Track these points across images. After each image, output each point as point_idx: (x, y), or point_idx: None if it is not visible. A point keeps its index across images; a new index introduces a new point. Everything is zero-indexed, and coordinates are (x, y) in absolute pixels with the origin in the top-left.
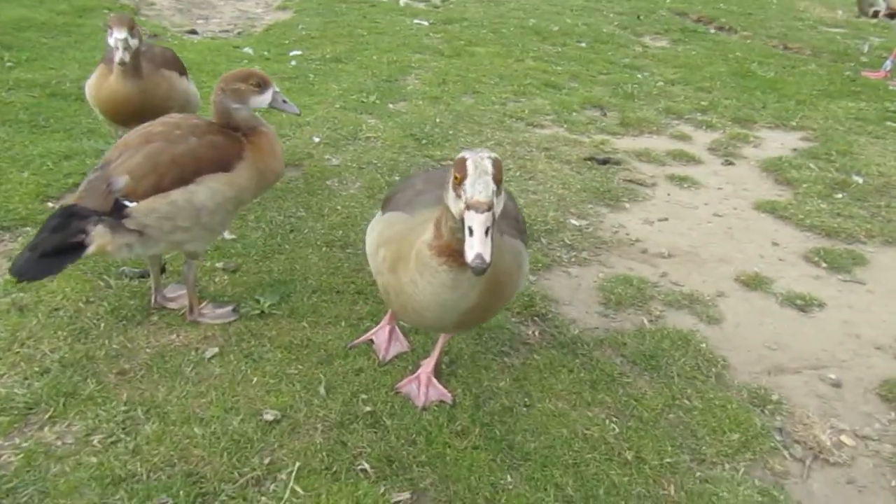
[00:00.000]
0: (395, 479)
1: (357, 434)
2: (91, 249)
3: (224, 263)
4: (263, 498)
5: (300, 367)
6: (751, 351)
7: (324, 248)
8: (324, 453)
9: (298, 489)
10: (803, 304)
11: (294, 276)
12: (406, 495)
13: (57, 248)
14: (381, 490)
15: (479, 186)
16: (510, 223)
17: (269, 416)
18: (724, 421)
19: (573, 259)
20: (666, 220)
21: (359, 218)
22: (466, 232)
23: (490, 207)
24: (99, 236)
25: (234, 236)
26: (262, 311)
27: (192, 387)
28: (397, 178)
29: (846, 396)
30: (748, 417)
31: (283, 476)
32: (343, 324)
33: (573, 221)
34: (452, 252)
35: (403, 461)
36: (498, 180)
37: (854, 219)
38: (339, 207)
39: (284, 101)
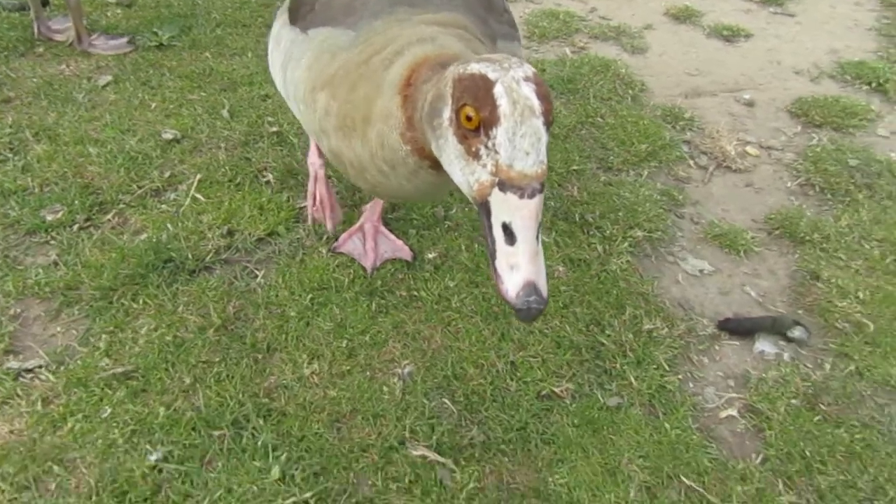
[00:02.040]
0: (299, 189)
1: (262, 151)
2: None
3: None
4: (164, 206)
5: (202, 93)
6: (671, 77)
7: None
8: (227, 167)
9: (200, 197)
10: (730, 35)
11: (196, 11)
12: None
13: None
14: (286, 197)
15: (524, 145)
16: (500, 15)
17: (168, 136)
18: (633, 135)
19: None
20: None
21: None
22: (495, 233)
23: (544, 185)
24: None
25: None
26: (161, 44)
27: (86, 112)
28: None
29: (757, 114)
30: (658, 131)
31: (184, 187)
32: (250, 55)
33: None
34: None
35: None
36: (549, 122)
37: None
38: None
39: None
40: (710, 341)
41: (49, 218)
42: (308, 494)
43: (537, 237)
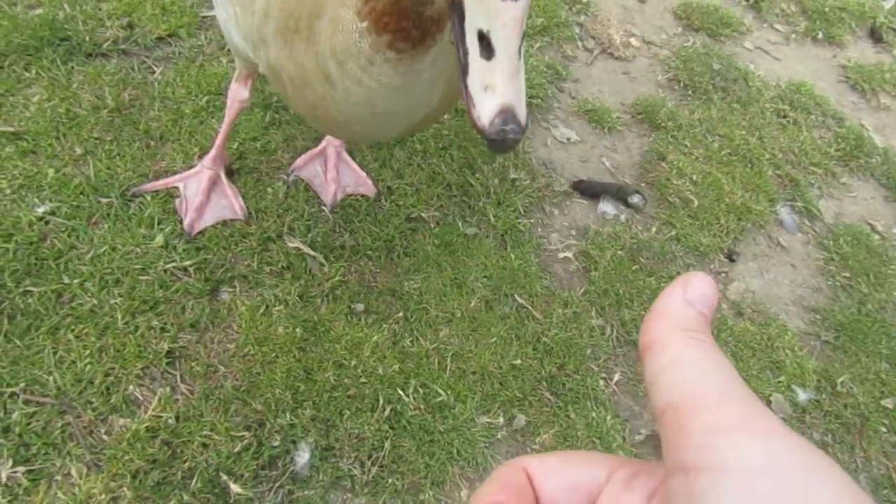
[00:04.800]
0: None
1: None
2: None
3: None
4: None
5: None
6: None
7: None
8: None
9: None
10: None
11: None
12: None
13: None
14: (190, 3)
15: None
16: None
17: None
18: (533, 7)
19: None
20: None
21: None
22: (468, 43)
23: None
24: None
25: None
26: None
27: None
28: None
29: (647, 11)
30: (555, 10)
31: None
32: None
33: None
34: (402, 25)
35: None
36: None
37: None
38: None
39: None
40: (562, 197)
41: None
42: (188, 263)
43: (520, 51)
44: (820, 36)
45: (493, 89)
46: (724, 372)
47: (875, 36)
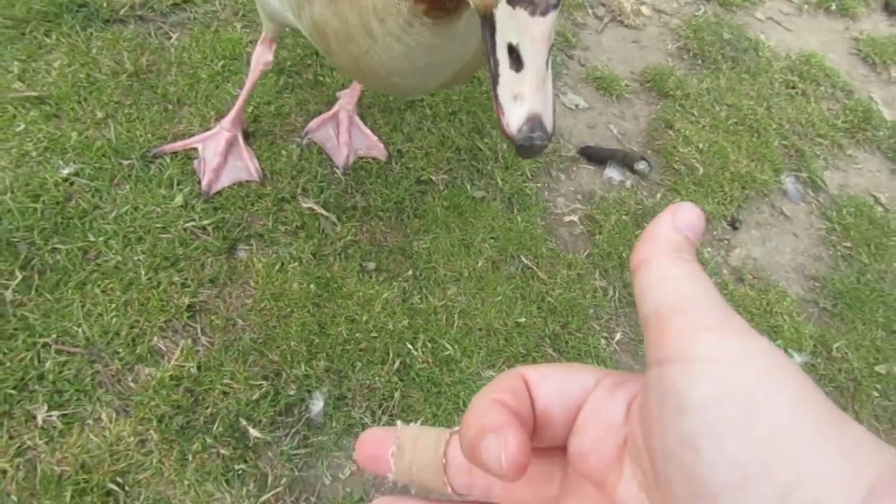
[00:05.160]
0: None
1: None
2: None
3: None
4: None
5: None
6: None
7: None
8: None
9: None
10: None
11: None
12: None
13: None
14: None
15: None
16: None
17: None
18: None
19: None
20: None
21: None
22: (499, 55)
23: (560, 0)
24: None
25: None
26: None
27: None
28: None
29: None
30: None
31: None
32: None
33: None
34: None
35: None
36: None
37: None
38: None
39: None
40: (569, 162)
41: None
42: (206, 222)
43: (547, 63)
44: (833, 7)
45: (522, 99)
46: (703, 286)
47: (889, 9)
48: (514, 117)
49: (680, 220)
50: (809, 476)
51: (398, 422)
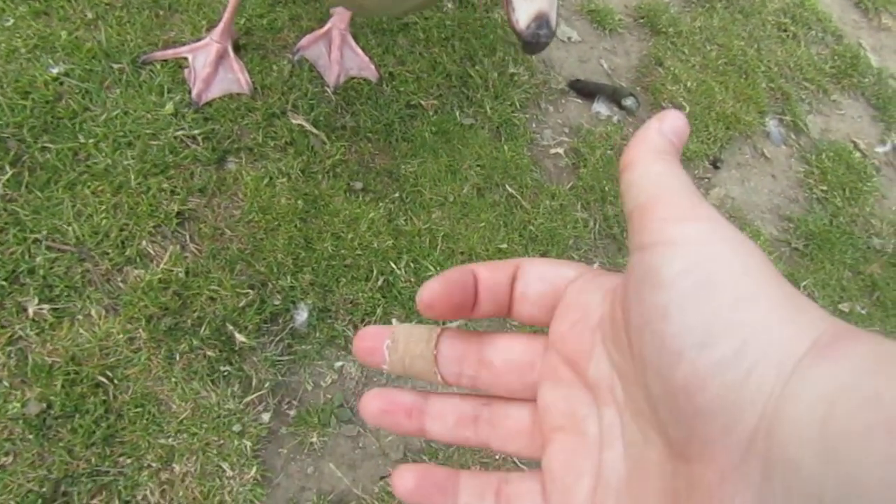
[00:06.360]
0: None
1: None
2: None
3: None
4: None
5: None
6: None
7: None
8: None
9: None
10: None
11: None
12: None
13: None
14: None
15: None
16: None
17: None
18: None
19: None
20: None
21: None
22: None
23: None
24: None
25: None
26: None
27: None
28: None
29: None
30: None
31: None
32: None
33: None
34: None
35: None
36: None
37: None
38: None
39: None
40: (558, 95)
41: None
42: (196, 132)
43: None
44: None
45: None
46: (681, 181)
47: None
48: (523, 15)
49: (666, 125)
50: (761, 334)
51: (394, 320)
